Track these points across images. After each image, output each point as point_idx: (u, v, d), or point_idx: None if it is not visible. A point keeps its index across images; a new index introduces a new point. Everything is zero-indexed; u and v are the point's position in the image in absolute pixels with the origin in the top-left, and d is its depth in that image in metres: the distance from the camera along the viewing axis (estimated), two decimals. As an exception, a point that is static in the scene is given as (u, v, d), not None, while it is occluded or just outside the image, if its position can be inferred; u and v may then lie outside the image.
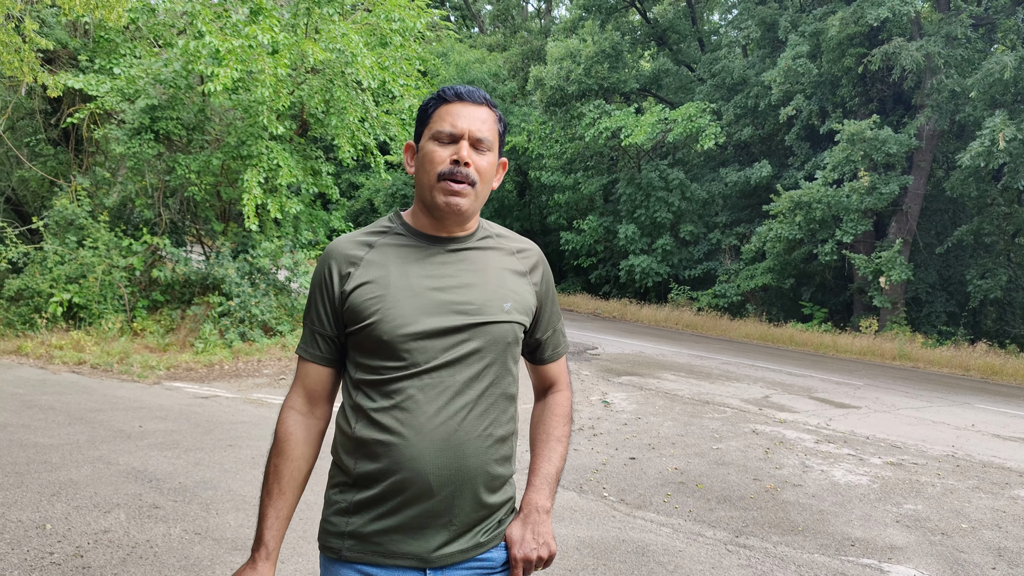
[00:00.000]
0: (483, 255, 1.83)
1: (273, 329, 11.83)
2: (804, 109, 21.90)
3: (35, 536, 4.40)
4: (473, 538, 1.76)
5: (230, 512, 4.95)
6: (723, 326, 21.16)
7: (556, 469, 1.91)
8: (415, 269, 1.76)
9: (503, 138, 1.87)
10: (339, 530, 1.75)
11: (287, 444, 1.80)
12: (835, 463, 7.43)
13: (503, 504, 1.83)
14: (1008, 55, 17.96)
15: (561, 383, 2.04)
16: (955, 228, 21.47)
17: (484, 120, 1.78)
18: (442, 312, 1.72)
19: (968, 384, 14.75)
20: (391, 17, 12.39)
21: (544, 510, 1.85)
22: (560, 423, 1.97)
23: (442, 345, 1.71)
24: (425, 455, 1.67)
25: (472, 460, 1.71)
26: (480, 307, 1.75)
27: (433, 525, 1.71)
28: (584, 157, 26.95)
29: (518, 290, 1.83)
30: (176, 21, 12.61)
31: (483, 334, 1.74)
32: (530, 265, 1.90)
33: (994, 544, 5.46)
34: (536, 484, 1.88)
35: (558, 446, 1.94)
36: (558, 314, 2.01)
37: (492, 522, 1.80)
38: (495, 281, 1.80)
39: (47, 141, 14.54)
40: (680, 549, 4.92)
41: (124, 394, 8.42)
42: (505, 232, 1.94)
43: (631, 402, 9.85)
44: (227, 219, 13.25)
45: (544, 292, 1.92)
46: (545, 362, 2.01)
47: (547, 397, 2.04)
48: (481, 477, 1.73)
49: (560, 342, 2.02)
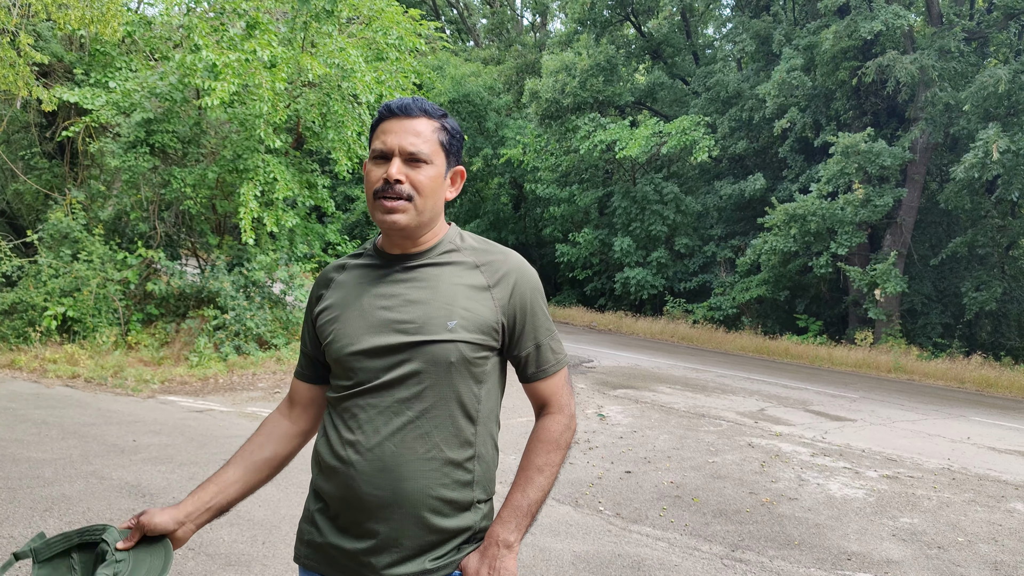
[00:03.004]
0: (437, 271, 1.77)
1: (268, 342, 11.80)
2: (798, 122, 21.98)
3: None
4: (421, 563, 1.70)
5: (223, 527, 4.92)
6: (718, 339, 21.17)
7: (530, 501, 1.76)
8: (370, 289, 1.78)
9: (452, 145, 1.80)
10: (302, 538, 1.83)
11: (257, 431, 1.93)
12: (831, 476, 7.42)
13: (462, 531, 1.74)
14: (1002, 69, 18.06)
15: (552, 405, 1.87)
16: (949, 240, 21.51)
17: (419, 133, 1.74)
18: (383, 331, 1.72)
19: (963, 397, 14.76)
20: (388, 32, 12.43)
21: (505, 544, 1.73)
22: (542, 450, 1.81)
23: (382, 364, 1.71)
24: (363, 476, 1.69)
25: (411, 483, 1.67)
26: (421, 326, 1.70)
27: (377, 545, 1.69)
28: (579, 170, 27.01)
29: (470, 307, 1.74)
30: (172, 34, 12.63)
31: (422, 354, 1.69)
32: (496, 279, 1.78)
33: (990, 558, 5.45)
34: (503, 516, 1.76)
35: (536, 476, 1.78)
36: (546, 330, 1.85)
37: (446, 548, 1.73)
38: (444, 298, 1.73)
39: (42, 154, 14.53)
40: (676, 563, 4.90)
41: (118, 408, 8.38)
42: (479, 244, 1.85)
43: (627, 415, 9.83)
44: (222, 232, 13.24)
45: (517, 306, 1.79)
46: (529, 380, 1.87)
47: (538, 420, 1.89)
48: (424, 501, 1.68)
49: (547, 359, 1.85)
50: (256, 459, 1.89)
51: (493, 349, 1.78)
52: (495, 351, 1.80)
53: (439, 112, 1.79)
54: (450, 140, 1.79)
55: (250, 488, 1.88)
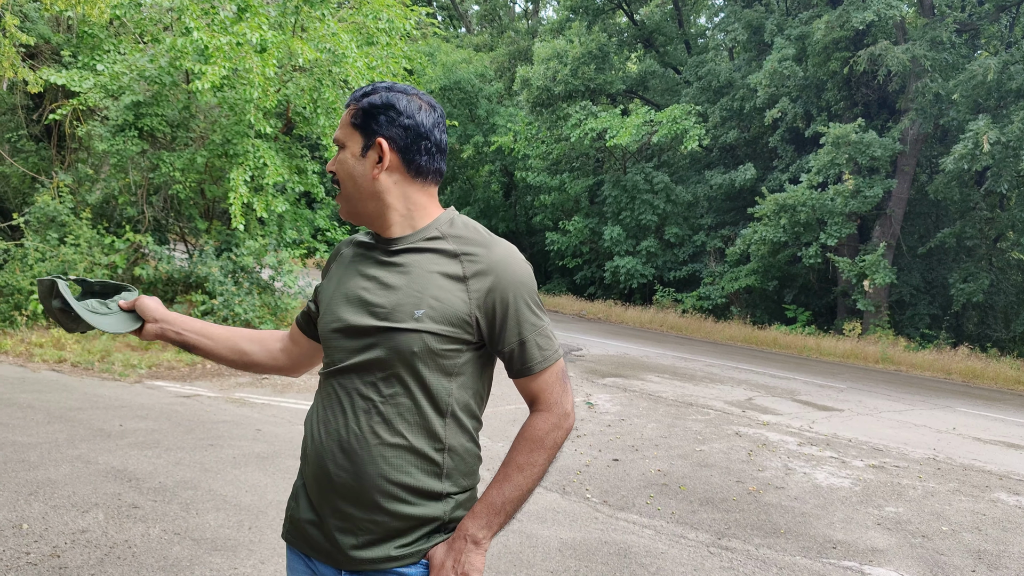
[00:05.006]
0: (415, 257, 1.74)
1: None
2: (789, 112, 22.01)
3: (11, 536, 4.35)
4: (386, 549, 1.69)
5: (210, 512, 4.91)
6: (707, 328, 21.23)
7: (505, 499, 1.71)
8: (356, 270, 1.81)
9: (364, 120, 1.75)
10: (287, 512, 1.87)
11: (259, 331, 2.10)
12: (817, 466, 7.45)
13: (429, 520, 1.71)
14: (991, 59, 18.10)
15: (541, 402, 1.78)
16: (938, 232, 21.62)
17: (344, 122, 1.77)
18: (357, 312, 1.73)
19: (950, 387, 14.85)
20: (378, 16, 12.35)
21: (473, 540, 1.69)
22: (524, 449, 1.75)
23: (352, 346, 1.72)
24: (330, 454, 1.71)
25: (371, 467, 1.67)
26: (390, 312, 1.68)
27: (340, 526, 1.71)
28: (570, 158, 27.00)
29: (441, 297, 1.68)
30: (162, 16, 12.51)
31: (386, 340, 1.67)
32: (474, 270, 1.71)
33: (973, 547, 5.49)
34: (475, 510, 1.72)
35: (516, 474, 1.73)
36: (532, 325, 1.75)
37: (413, 536, 1.71)
38: (416, 285, 1.70)
39: (29, 137, 14.41)
40: (662, 551, 4.92)
41: (105, 393, 8.35)
42: (467, 233, 1.78)
43: (615, 404, 9.85)
44: (211, 217, 13.17)
45: (496, 300, 1.71)
46: (516, 377, 1.79)
47: (528, 417, 1.81)
48: (384, 486, 1.67)
49: (532, 356, 1.75)
50: (240, 344, 2.05)
51: (467, 343, 1.72)
52: (471, 345, 1.73)
53: (362, 93, 1.78)
54: (364, 116, 1.75)
55: (215, 354, 2.04)
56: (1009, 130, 17.40)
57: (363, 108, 1.75)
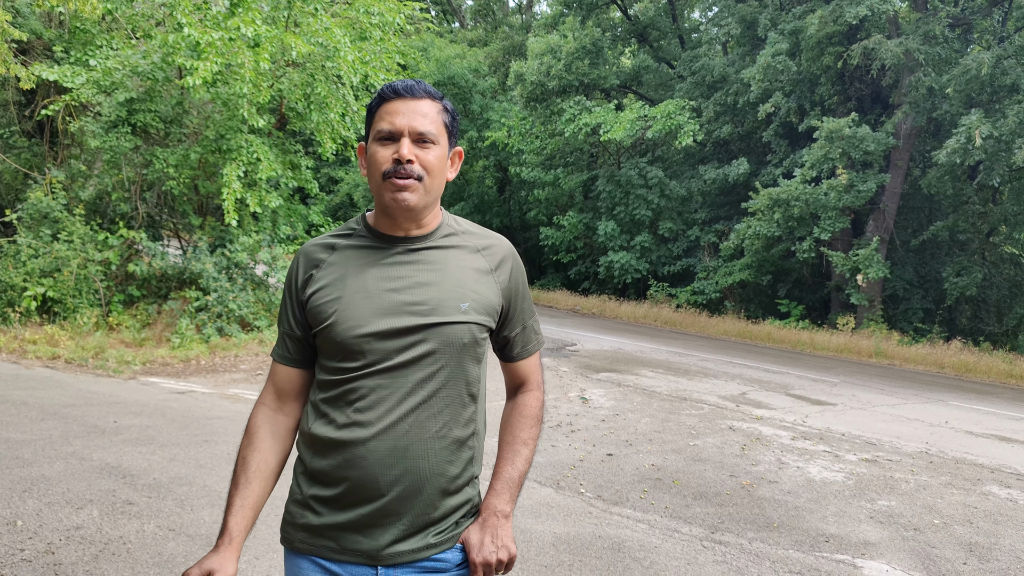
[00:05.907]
0: (443, 254, 1.81)
1: (250, 324, 11.75)
2: (783, 107, 22.01)
3: (5, 533, 4.35)
4: (424, 539, 1.75)
5: (205, 508, 4.92)
6: (701, 323, 21.26)
7: (519, 473, 1.87)
8: (372, 270, 1.78)
9: (453, 126, 1.83)
10: (294, 521, 1.81)
11: (255, 436, 1.84)
12: (811, 460, 7.48)
13: (461, 506, 1.81)
14: (985, 53, 18.14)
15: (531, 382, 1.98)
16: (931, 226, 21.66)
17: (426, 114, 1.76)
18: (396, 313, 1.72)
19: (943, 381, 14.90)
20: (370, 11, 12.32)
21: (503, 514, 1.81)
22: (526, 425, 1.92)
23: (395, 346, 1.71)
24: (375, 455, 1.69)
25: (424, 462, 1.71)
26: (435, 307, 1.73)
27: (383, 524, 1.72)
28: (564, 153, 26.98)
29: (479, 289, 1.80)
30: (154, 12, 12.47)
31: (437, 335, 1.72)
32: (496, 262, 1.85)
33: (965, 540, 5.52)
34: (497, 488, 1.84)
35: (523, 449, 1.89)
36: (530, 310, 1.95)
37: (447, 523, 1.79)
38: (453, 280, 1.78)
39: (21, 133, 14.37)
40: (656, 545, 4.94)
41: (99, 389, 8.34)
42: (473, 228, 1.91)
43: (609, 398, 9.87)
44: (205, 213, 13.15)
45: (512, 289, 1.87)
46: (514, 359, 1.95)
47: (517, 397, 1.98)
48: (435, 479, 1.73)
49: (531, 339, 1.96)
50: (272, 467, 1.85)
51: (491, 330, 1.86)
52: (490, 332, 1.87)
53: (440, 94, 1.82)
54: (451, 121, 1.83)
55: (268, 496, 1.86)
56: (1002, 124, 17.43)
57: (449, 111, 1.82)
